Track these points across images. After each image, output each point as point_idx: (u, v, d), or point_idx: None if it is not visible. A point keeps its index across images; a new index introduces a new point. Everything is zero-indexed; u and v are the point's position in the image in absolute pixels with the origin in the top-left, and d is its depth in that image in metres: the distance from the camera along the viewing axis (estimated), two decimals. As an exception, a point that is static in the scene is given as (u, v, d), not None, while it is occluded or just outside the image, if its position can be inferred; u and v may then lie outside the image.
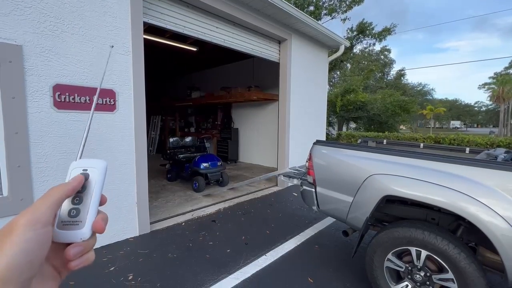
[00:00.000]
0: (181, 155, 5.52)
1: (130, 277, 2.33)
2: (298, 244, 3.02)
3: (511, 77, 36.04)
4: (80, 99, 2.57)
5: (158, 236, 3.14)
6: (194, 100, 8.74)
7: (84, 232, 0.37)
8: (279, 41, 5.38)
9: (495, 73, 38.50)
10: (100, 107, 2.72)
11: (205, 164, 5.01)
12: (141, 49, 3.03)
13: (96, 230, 0.38)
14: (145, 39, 3.15)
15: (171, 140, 5.89)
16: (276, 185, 5.62)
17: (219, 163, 5.22)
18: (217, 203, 4.38)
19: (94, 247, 0.39)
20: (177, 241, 3.01)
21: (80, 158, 0.43)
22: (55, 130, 2.46)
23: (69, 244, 0.37)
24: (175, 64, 9.00)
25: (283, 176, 3.11)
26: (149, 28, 3.54)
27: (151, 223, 3.34)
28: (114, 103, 2.82)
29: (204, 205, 4.24)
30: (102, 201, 0.41)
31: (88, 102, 2.63)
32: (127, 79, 2.92)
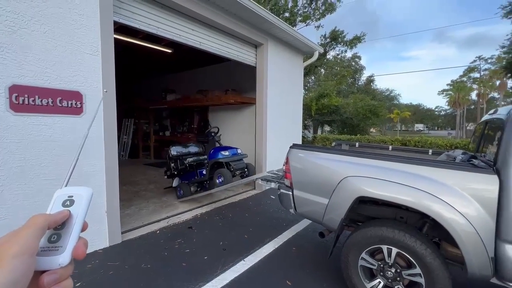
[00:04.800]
0: (190, 159, 4.64)
1: (99, 292, 2.17)
2: (276, 247, 3.03)
3: (465, 84, 39.80)
4: (41, 101, 2.37)
5: (131, 246, 2.97)
6: (170, 102, 8.48)
7: (63, 257, 0.36)
8: (256, 46, 5.42)
9: (451, 81, 42.28)
10: (65, 110, 2.53)
11: (224, 153, 4.30)
12: (111, 49, 2.88)
13: (77, 256, 0.38)
14: (117, 39, 3.00)
15: (173, 148, 4.89)
16: (254, 188, 5.62)
17: (239, 151, 4.51)
18: (194, 208, 4.27)
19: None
20: (151, 251, 2.88)
21: (66, 185, 0.44)
22: (11, 135, 2.23)
23: (44, 271, 0.35)
24: (149, 65, 8.69)
25: (261, 180, 3.12)
26: (122, 28, 3.38)
27: (122, 233, 3.16)
28: (81, 106, 2.64)
29: (180, 211, 4.11)
30: (84, 227, 0.41)
31: (52, 104, 2.43)
32: (95, 80, 2.75)
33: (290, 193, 2.45)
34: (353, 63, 29.51)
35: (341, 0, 11.78)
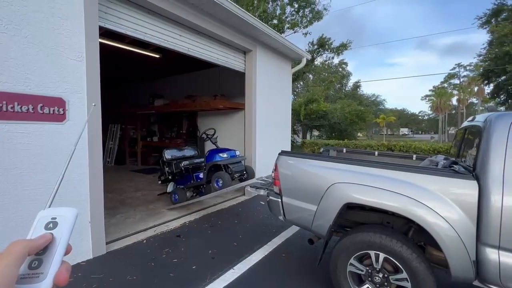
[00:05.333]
0: (186, 162, 4.45)
1: (81, 308, 2.08)
2: (265, 254, 3.01)
3: (446, 90, 41.52)
4: (21, 108, 2.28)
5: (115, 257, 2.87)
6: (158, 108, 8.36)
7: (45, 284, 0.34)
8: (245, 52, 5.46)
9: (433, 87, 43.99)
10: (47, 117, 2.44)
11: (222, 155, 4.09)
12: (96, 55, 2.82)
13: (58, 283, 0.36)
14: (103, 44, 2.94)
15: (167, 151, 4.67)
16: (244, 194, 5.59)
17: (237, 153, 4.33)
18: (182, 216, 4.19)
19: None
20: (137, 261, 2.79)
21: (50, 206, 0.43)
22: (-12, 144, 2.13)
23: None
24: (137, 70, 8.56)
25: (250, 187, 3.11)
26: (108, 32, 3.32)
27: (107, 243, 3.05)
28: (64, 113, 2.55)
29: (168, 220, 4.02)
30: (68, 251, 0.39)
31: (32, 111, 2.34)
32: (79, 86, 2.68)
33: (279, 200, 2.45)
34: (340, 69, 30.22)
35: (328, 9, 12.12)
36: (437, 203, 1.70)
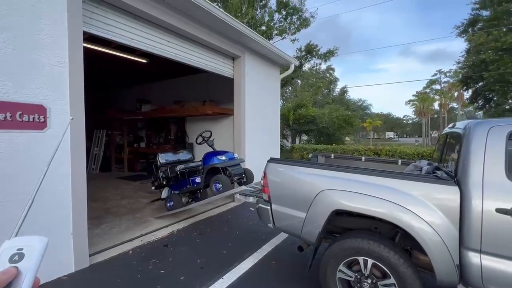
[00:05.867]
0: (182, 166, 4.30)
1: (62, 326, 1.97)
2: (255, 262, 2.98)
3: (428, 95, 43.18)
4: (-2, 115, 2.17)
5: (100, 270, 2.76)
6: (145, 113, 8.21)
7: None
8: (233, 58, 5.47)
9: (416, 92, 45.64)
10: (26, 125, 2.34)
11: (221, 157, 3.93)
12: (80, 60, 2.74)
13: None
14: (88, 48, 2.87)
15: (161, 155, 4.53)
16: (233, 200, 5.54)
17: (236, 155, 4.19)
18: (170, 224, 4.09)
19: None
20: (122, 274, 2.69)
21: (16, 235, 0.39)
22: (-39, 154, 2.01)
23: None
24: (123, 74, 8.40)
25: (239, 194, 3.08)
26: (94, 37, 3.25)
27: (90, 255, 2.93)
28: (45, 120, 2.46)
29: (155, 228, 3.92)
30: (35, 285, 0.37)
31: (10, 119, 2.24)
32: (62, 92, 2.59)
33: (269, 207, 2.45)
34: (327, 74, 30.87)
35: (315, 16, 12.39)
36: (422, 209, 1.74)
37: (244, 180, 4.08)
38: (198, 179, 4.27)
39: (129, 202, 5.29)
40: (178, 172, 4.25)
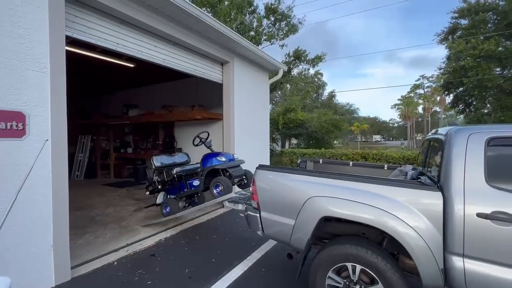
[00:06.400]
0: (179, 168, 4.11)
1: None
2: (245, 269, 2.94)
3: (413, 99, 44.61)
4: (-28, 123, 2.06)
5: (82, 283, 2.65)
6: (132, 118, 8.05)
7: None
8: (222, 63, 5.47)
9: (401, 96, 47.04)
10: (3, 133, 2.23)
11: (220, 158, 3.73)
12: (62, 65, 2.66)
13: None
14: (72, 52, 2.78)
15: (155, 158, 4.28)
16: (222, 207, 5.48)
17: (235, 156, 4.02)
18: (157, 233, 3.99)
19: None
20: (106, 286, 2.59)
21: None
22: None
23: None
24: (109, 79, 8.22)
25: (228, 202, 3.05)
26: (78, 41, 3.16)
27: (73, 267, 2.81)
28: (24, 128, 2.36)
29: (142, 237, 3.81)
30: None
31: (-15, 127, 2.13)
32: (42, 99, 2.49)
33: (258, 214, 2.43)
34: (316, 79, 31.35)
35: (303, 23, 12.61)
36: (407, 214, 1.78)
37: (245, 182, 3.91)
38: (196, 182, 4.09)
39: (115, 210, 5.13)
40: (175, 175, 4.07)
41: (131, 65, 5.98)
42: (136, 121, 8.09)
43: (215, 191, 3.57)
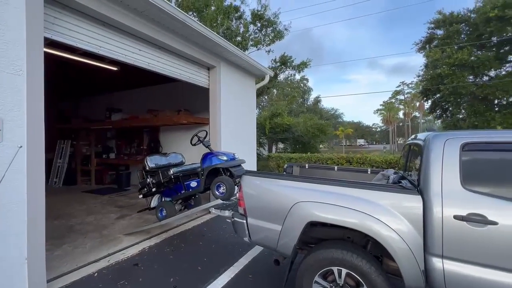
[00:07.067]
0: (176, 169, 3.90)
1: None
2: (231, 276, 2.90)
3: (394, 105, 46.37)
4: None
5: (59, 297, 2.51)
6: (115, 123, 7.81)
7: None
8: (208, 68, 5.45)
9: (383, 102, 48.78)
10: (-27, 139, 2.10)
11: (222, 157, 3.54)
12: (40, 68, 2.54)
13: None
14: (51, 54, 2.67)
15: (149, 158, 4.06)
16: (209, 212, 5.40)
17: (236, 155, 3.81)
18: (141, 241, 3.86)
19: None
20: (86, 300, 2.47)
21: None
22: None
23: None
24: (91, 82, 7.96)
25: (215, 208, 3.01)
26: (57, 43, 3.05)
27: (49, 281, 2.66)
28: (-4, 133, 2.23)
29: (124, 246, 3.67)
30: None
31: (-47, 132, 1.99)
32: (17, 102, 2.37)
33: (244, 221, 2.41)
34: (302, 84, 31.92)
35: (288, 29, 12.84)
36: (389, 218, 1.83)
37: None
38: (193, 183, 3.90)
39: (96, 218, 4.92)
40: (172, 176, 3.86)
41: (114, 69, 5.83)
42: (120, 125, 7.86)
43: (217, 192, 3.38)
